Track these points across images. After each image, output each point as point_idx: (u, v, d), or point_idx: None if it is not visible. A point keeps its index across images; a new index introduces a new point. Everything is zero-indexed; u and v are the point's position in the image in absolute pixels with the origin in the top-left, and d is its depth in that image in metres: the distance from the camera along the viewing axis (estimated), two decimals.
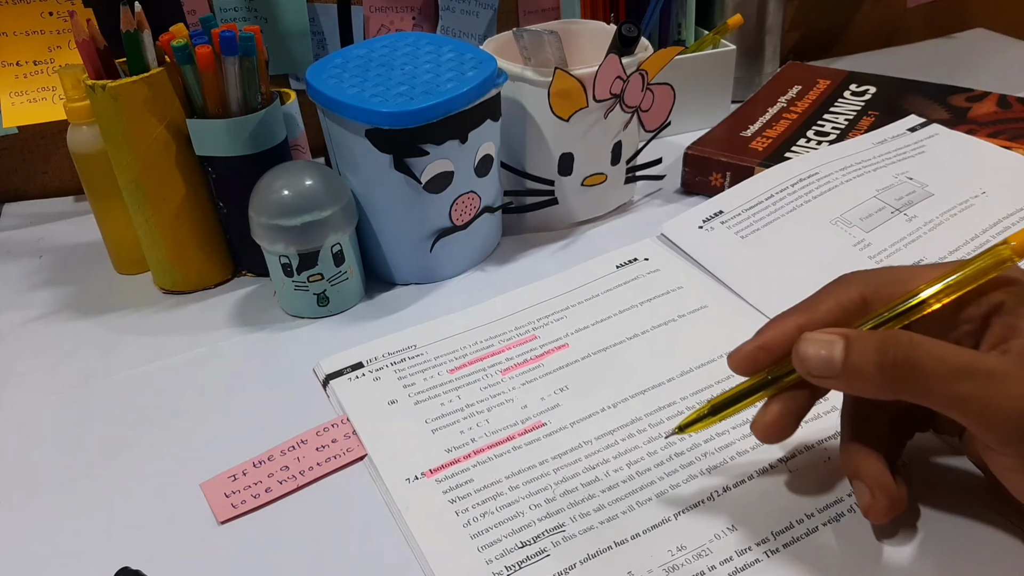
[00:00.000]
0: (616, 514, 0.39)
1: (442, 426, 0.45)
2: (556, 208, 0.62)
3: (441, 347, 0.50)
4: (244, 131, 0.54)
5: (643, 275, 0.54)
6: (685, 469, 0.41)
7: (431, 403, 0.46)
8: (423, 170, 0.52)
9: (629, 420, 0.44)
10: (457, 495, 0.40)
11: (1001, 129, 0.65)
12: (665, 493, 0.40)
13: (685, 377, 0.46)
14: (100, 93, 0.51)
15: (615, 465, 0.41)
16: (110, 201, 0.57)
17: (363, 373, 0.49)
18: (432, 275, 0.58)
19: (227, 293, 0.59)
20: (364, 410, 0.46)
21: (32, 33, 0.65)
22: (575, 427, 0.44)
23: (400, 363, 0.49)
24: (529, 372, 0.48)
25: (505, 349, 0.50)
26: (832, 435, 0.41)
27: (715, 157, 0.64)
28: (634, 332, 0.50)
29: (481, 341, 0.51)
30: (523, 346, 0.50)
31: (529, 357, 0.49)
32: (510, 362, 0.49)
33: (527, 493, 0.40)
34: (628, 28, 0.56)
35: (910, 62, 0.87)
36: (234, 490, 0.42)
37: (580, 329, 0.51)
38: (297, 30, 0.73)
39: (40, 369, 0.53)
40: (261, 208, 0.51)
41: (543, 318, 0.52)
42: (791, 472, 0.40)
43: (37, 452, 0.46)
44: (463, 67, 0.53)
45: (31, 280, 0.62)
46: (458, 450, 0.43)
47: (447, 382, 0.48)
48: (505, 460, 0.42)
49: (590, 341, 0.50)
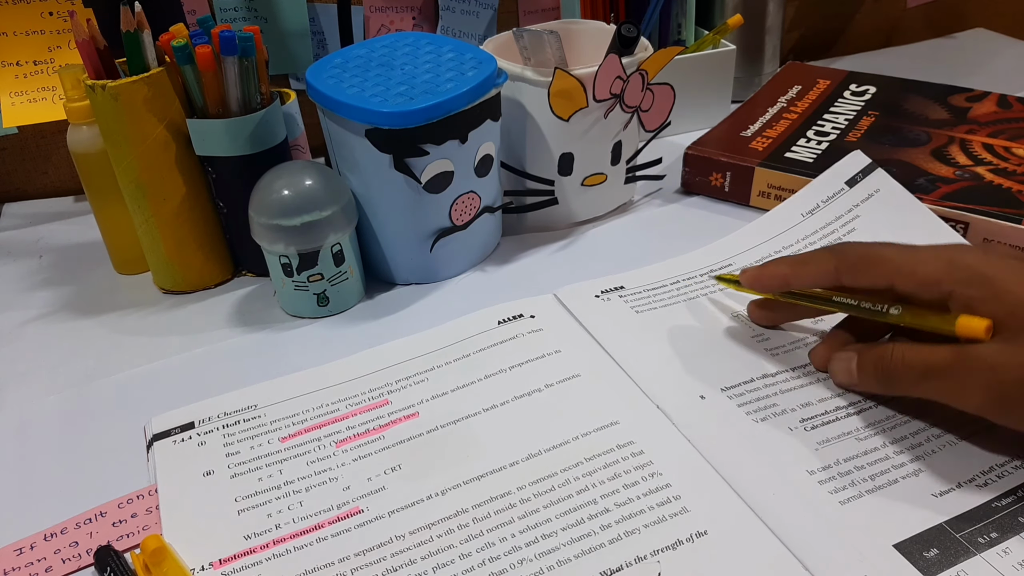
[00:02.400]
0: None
1: (251, 506, 0.41)
2: (556, 208, 0.62)
3: (283, 408, 0.46)
4: (244, 131, 0.54)
5: (524, 334, 0.50)
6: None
7: (249, 477, 0.42)
8: (423, 170, 0.52)
9: (453, 512, 0.39)
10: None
11: (1001, 129, 0.65)
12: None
13: (530, 462, 0.42)
14: (100, 93, 0.51)
15: (421, 568, 0.37)
16: (110, 201, 0.57)
17: (191, 435, 0.45)
18: (432, 275, 0.58)
19: (227, 293, 0.59)
20: (176, 481, 0.42)
21: (32, 33, 0.65)
22: (392, 517, 0.39)
23: (234, 425, 0.45)
24: (366, 445, 0.44)
25: (350, 415, 0.46)
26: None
27: (715, 157, 0.64)
28: (493, 403, 0.46)
29: (328, 404, 0.47)
30: (371, 412, 0.46)
31: (373, 427, 0.45)
32: (350, 431, 0.45)
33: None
34: (628, 28, 0.56)
35: (910, 62, 0.87)
36: (15, 567, 0.38)
37: (437, 395, 0.47)
38: (297, 30, 0.73)
39: (40, 369, 0.53)
40: (261, 208, 0.51)
41: (402, 380, 0.48)
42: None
43: (37, 452, 0.46)
44: (463, 67, 0.53)
45: (31, 280, 0.62)
46: (258, 537, 0.39)
47: (275, 452, 0.44)
48: (304, 554, 0.38)
49: (443, 410, 0.45)
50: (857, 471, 0.40)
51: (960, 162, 0.61)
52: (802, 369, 0.46)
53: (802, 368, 0.46)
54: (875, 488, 0.39)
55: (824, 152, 0.63)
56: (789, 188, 0.61)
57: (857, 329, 0.46)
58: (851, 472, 0.40)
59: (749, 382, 0.46)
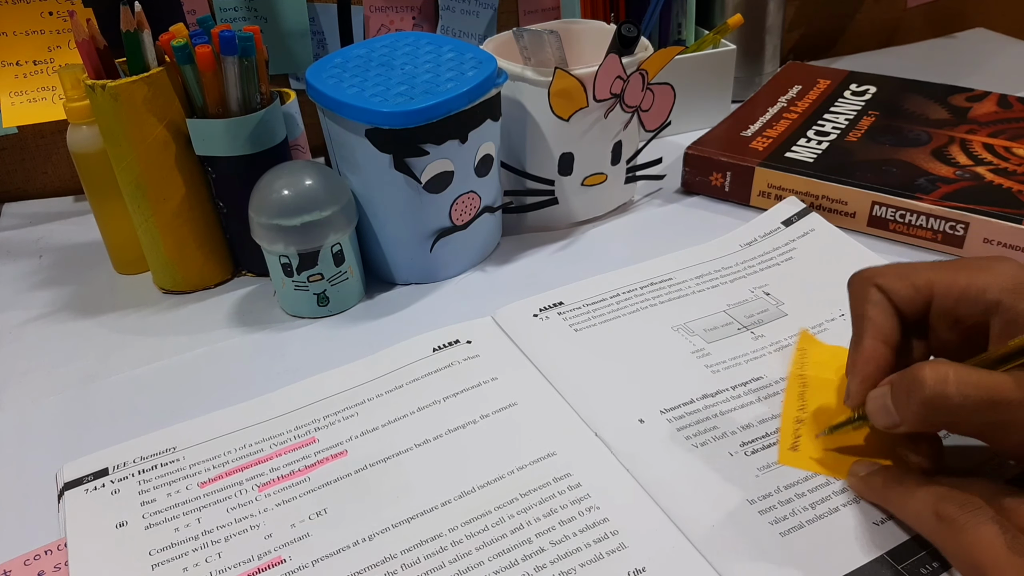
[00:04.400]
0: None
1: (166, 560, 0.38)
2: (556, 208, 0.62)
3: (204, 451, 0.44)
4: (244, 131, 0.54)
5: (459, 362, 0.49)
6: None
7: (164, 528, 0.40)
8: (423, 170, 0.52)
9: (380, 559, 0.37)
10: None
11: (1001, 129, 0.65)
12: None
13: (463, 500, 0.40)
14: (100, 93, 0.51)
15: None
16: (110, 201, 0.57)
17: (104, 483, 0.42)
18: (432, 275, 0.58)
19: (227, 293, 0.59)
20: (86, 535, 0.39)
21: (32, 33, 0.65)
22: (318, 566, 0.37)
23: (150, 471, 0.43)
24: (291, 488, 0.41)
25: (274, 456, 0.43)
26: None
27: (715, 157, 0.64)
28: (425, 437, 0.44)
29: (252, 444, 0.44)
30: (296, 452, 0.44)
31: (298, 468, 0.43)
32: (274, 473, 0.42)
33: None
34: (628, 28, 0.56)
35: (910, 62, 0.88)
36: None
37: (366, 431, 0.44)
38: (297, 30, 0.73)
39: (40, 369, 0.53)
40: (261, 208, 0.51)
41: (331, 415, 0.46)
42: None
43: (37, 452, 0.46)
44: (463, 67, 0.53)
45: (31, 280, 0.62)
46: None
47: (193, 499, 0.41)
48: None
49: (373, 448, 0.43)
50: (797, 499, 0.39)
51: (960, 162, 0.61)
52: (743, 387, 0.45)
53: (743, 386, 0.45)
54: (816, 517, 0.38)
55: (824, 152, 0.63)
56: (789, 188, 0.61)
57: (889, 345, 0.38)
58: (791, 500, 0.39)
59: (689, 403, 0.45)
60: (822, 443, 0.41)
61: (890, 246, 0.58)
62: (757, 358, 0.48)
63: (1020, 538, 0.31)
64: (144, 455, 0.44)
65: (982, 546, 0.31)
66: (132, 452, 0.44)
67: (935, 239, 0.57)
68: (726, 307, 0.52)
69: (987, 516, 0.32)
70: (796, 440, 0.42)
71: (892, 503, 0.37)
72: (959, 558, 0.32)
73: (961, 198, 0.56)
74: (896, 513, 0.37)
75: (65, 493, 0.42)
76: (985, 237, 0.55)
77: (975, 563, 0.31)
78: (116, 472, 0.43)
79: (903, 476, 0.37)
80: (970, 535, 0.31)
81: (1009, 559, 0.30)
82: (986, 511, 0.32)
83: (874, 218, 0.59)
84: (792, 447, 0.42)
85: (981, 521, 0.32)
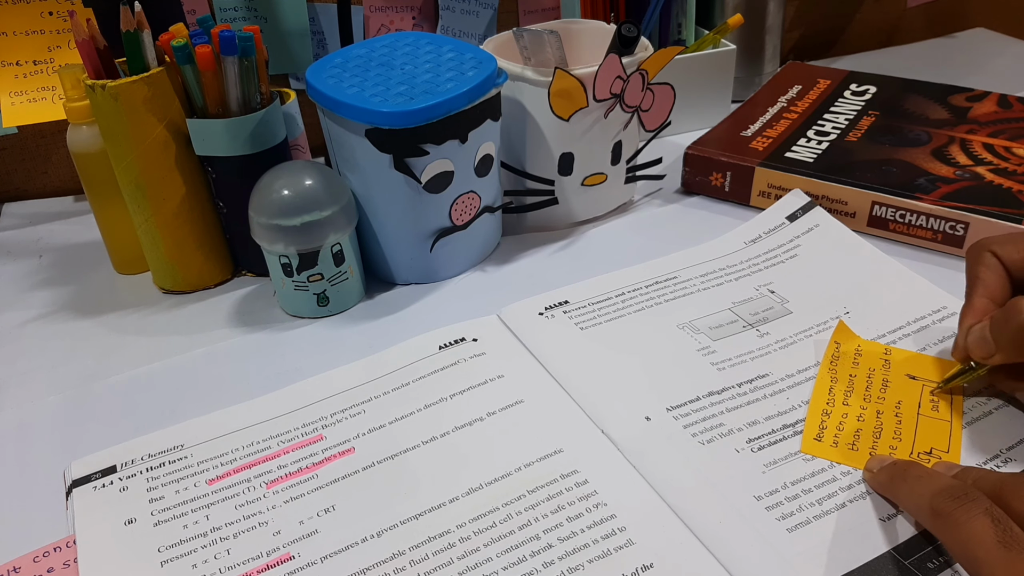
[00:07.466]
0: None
1: (175, 557, 0.38)
2: (556, 208, 0.62)
3: (211, 448, 0.44)
4: (244, 131, 0.54)
5: (465, 359, 0.49)
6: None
7: (173, 524, 0.40)
8: (423, 170, 0.52)
9: (389, 555, 0.38)
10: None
11: (1001, 129, 0.65)
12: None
13: (470, 497, 0.40)
14: (100, 93, 0.51)
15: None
16: (110, 201, 0.57)
17: (112, 480, 0.42)
18: (432, 275, 0.58)
19: (227, 293, 0.59)
20: (95, 532, 0.40)
21: (32, 33, 0.65)
22: (326, 563, 0.37)
23: (158, 468, 0.43)
24: (298, 485, 0.42)
25: (282, 453, 0.44)
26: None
27: (715, 157, 0.64)
28: (432, 435, 0.44)
29: (259, 441, 0.44)
30: (304, 449, 0.44)
31: (305, 465, 0.43)
32: (282, 471, 0.42)
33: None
34: (628, 28, 0.56)
35: (910, 62, 0.88)
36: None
37: (373, 429, 0.45)
38: (297, 30, 0.73)
39: (40, 369, 0.52)
40: (261, 208, 0.51)
41: (338, 413, 0.46)
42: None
43: (39, 451, 0.46)
44: (463, 67, 0.53)
45: (31, 280, 0.62)
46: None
47: (202, 496, 0.41)
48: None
49: (380, 445, 0.43)
50: (804, 495, 0.39)
51: (960, 162, 0.61)
52: (749, 384, 0.46)
53: (748, 383, 0.46)
54: (822, 513, 0.38)
55: (824, 152, 0.63)
56: (789, 188, 0.61)
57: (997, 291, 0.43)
58: (798, 496, 0.39)
59: (695, 400, 0.45)
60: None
61: (890, 246, 0.58)
62: (763, 355, 0.48)
63: (1012, 531, 0.31)
64: (152, 452, 0.44)
65: (974, 540, 0.31)
66: (140, 449, 0.44)
67: (935, 239, 0.57)
68: (731, 305, 0.52)
69: (980, 509, 0.32)
70: (821, 431, 0.42)
71: (897, 497, 0.38)
72: (955, 552, 0.33)
73: (961, 198, 0.56)
74: (901, 506, 0.38)
75: (74, 490, 0.42)
76: (984, 237, 0.55)
77: (969, 557, 0.31)
78: (124, 469, 0.43)
79: (906, 470, 0.37)
80: (963, 529, 0.32)
81: (999, 553, 0.30)
82: (980, 504, 0.32)
83: (874, 218, 0.59)
84: (816, 437, 0.42)
85: (974, 515, 0.32)
